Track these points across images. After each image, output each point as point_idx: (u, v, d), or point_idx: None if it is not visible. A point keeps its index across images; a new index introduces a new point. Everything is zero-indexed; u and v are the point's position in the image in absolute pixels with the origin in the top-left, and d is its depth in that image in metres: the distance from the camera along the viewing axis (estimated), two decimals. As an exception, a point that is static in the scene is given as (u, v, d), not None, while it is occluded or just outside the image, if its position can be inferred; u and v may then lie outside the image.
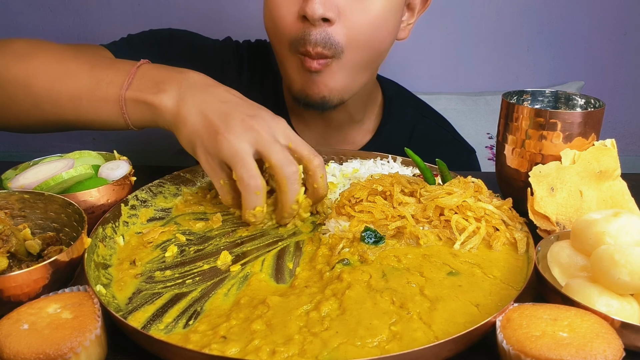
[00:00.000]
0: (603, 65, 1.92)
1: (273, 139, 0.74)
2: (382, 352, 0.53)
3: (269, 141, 0.73)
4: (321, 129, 1.18)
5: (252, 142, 0.73)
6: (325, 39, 0.93)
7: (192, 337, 0.56)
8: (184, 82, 0.79)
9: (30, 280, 0.58)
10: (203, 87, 0.79)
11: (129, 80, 0.81)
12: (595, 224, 0.62)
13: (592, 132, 0.79)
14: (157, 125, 0.81)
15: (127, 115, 0.81)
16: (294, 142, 0.77)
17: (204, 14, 1.83)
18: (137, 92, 0.80)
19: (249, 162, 0.72)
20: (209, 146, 0.74)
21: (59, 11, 1.83)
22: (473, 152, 1.29)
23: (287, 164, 0.73)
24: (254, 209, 0.74)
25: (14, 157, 0.96)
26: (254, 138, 0.73)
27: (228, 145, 0.72)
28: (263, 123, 0.74)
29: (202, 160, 0.76)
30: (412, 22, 1.09)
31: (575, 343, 0.50)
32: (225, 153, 0.72)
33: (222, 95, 0.78)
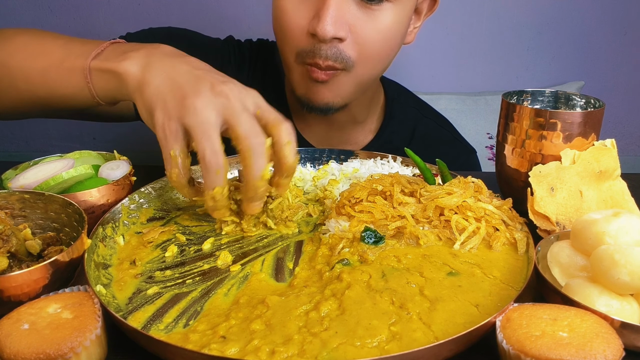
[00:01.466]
0: (603, 65, 1.92)
1: (242, 107, 0.68)
2: (381, 352, 0.53)
3: (238, 109, 0.68)
4: (323, 129, 1.18)
5: (220, 110, 0.67)
6: (337, 54, 0.93)
7: (191, 337, 0.56)
8: (154, 51, 0.76)
9: (30, 280, 0.58)
10: (173, 56, 0.76)
11: (98, 51, 0.79)
12: (595, 224, 0.62)
13: (592, 132, 0.79)
14: (122, 95, 0.77)
15: (91, 85, 0.79)
16: (262, 108, 0.71)
17: (204, 13, 1.83)
18: (103, 61, 0.78)
19: (213, 136, 0.66)
20: (172, 110, 0.68)
21: (59, 11, 1.83)
22: (473, 152, 1.29)
23: (254, 135, 0.67)
24: (212, 189, 0.68)
25: (14, 157, 0.96)
26: (223, 105, 0.67)
27: (194, 111, 0.66)
28: (234, 89, 0.69)
29: (159, 124, 0.69)
30: (418, 25, 1.09)
31: (575, 343, 0.50)
32: (190, 120, 0.66)
33: (194, 62, 0.75)
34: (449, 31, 1.87)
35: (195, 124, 0.66)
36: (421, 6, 1.06)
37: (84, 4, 1.82)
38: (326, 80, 0.96)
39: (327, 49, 0.92)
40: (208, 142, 0.66)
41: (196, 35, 1.23)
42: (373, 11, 0.93)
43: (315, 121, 1.16)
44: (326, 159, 1.01)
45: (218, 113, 0.67)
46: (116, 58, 0.76)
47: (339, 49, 0.93)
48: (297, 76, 1.00)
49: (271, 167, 0.71)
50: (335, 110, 1.02)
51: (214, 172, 0.67)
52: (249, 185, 0.70)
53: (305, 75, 0.98)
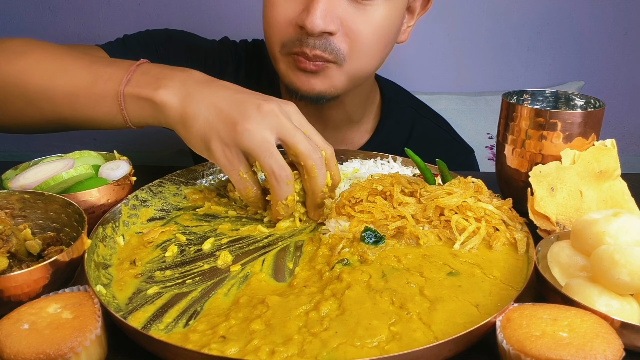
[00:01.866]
0: (603, 65, 1.92)
1: (293, 125, 0.73)
2: (381, 352, 0.53)
3: (291, 128, 0.72)
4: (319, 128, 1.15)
5: (273, 128, 0.72)
6: (326, 45, 0.92)
7: (191, 337, 0.56)
8: (187, 79, 0.77)
9: (30, 280, 0.58)
10: (208, 83, 0.77)
11: (129, 77, 0.79)
12: (595, 224, 0.62)
13: (592, 132, 0.79)
14: (159, 123, 0.79)
15: (125, 112, 0.79)
16: (308, 130, 0.77)
17: (203, 13, 1.83)
18: (137, 88, 0.78)
19: (275, 152, 0.71)
20: (227, 138, 0.72)
21: (59, 11, 1.83)
22: (472, 152, 1.29)
23: (313, 151, 0.73)
24: (286, 199, 0.74)
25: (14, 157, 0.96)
26: (275, 124, 0.72)
27: (249, 135, 0.70)
28: (279, 107, 0.73)
29: (219, 153, 0.73)
30: (411, 24, 1.08)
31: (575, 343, 0.50)
32: (248, 143, 0.71)
33: (230, 87, 0.77)
34: (449, 31, 1.87)
35: (254, 146, 0.71)
36: (414, 4, 1.05)
37: (84, 4, 1.82)
38: (315, 71, 0.94)
39: (316, 39, 0.91)
40: (272, 159, 0.71)
41: (193, 37, 1.23)
42: (364, 6, 0.92)
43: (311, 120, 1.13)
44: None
45: (271, 131, 0.72)
46: (150, 85, 0.77)
47: (328, 40, 0.92)
48: (283, 67, 0.99)
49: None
50: (327, 100, 1.01)
51: (285, 183, 0.73)
52: (316, 194, 0.77)
53: (292, 66, 0.96)
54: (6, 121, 0.90)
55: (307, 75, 0.96)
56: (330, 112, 1.12)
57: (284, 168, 0.72)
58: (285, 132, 0.72)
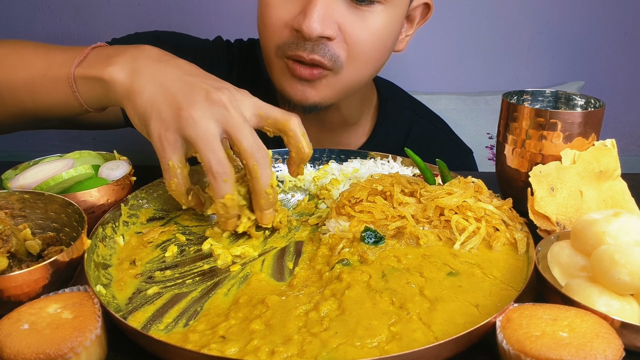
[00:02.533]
0: (603, 65, 1.93)
1: (241, 118, 0.68)
2: (381, 352, 0.53)
3: (238, 122, 0.68)
4: (314, 132, 1.13)
5: (220, 119, 0.67)
6: (324, 50, 0.88)
7: (191, 337, 0.56)
8: (139, 55, 0.74)
9: (30, 280, 0.58)
10: (160, 59, 0.74)
11: (80, 59, 0.77)
12: (596, 224, 0.62)
13: (592, 132, 0.79)
14: (110, 101, 0.76)
15: (78, 94, 0.77)
16: (263, 109, 0.72)
17: (203, 13, 1.83)
18: (87, 69, 0.76)
19: (216, 146, 0.67)
20: (168, 121, 0.67)
21: (59, 11, 1.83)
22: (470, 152, 1.28)
23: (257, 149, 0.69)
24: (223, 197, 0.69)
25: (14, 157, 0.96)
26: (221, 115, 0.67)
27: (193, 123, 0.66)
28: (230, 95, 0.69)
29: (155, 135, 0.68)
30: (410, 33, 1.06)
31: (575, 343, 0.50)
32: (190, 132, 0.66)
33: (183, 67, 0.73)
34: (449, 31, 1.87)
35: (195, 136, 0.67)
36: (414, 13, 1.03)
37: (84, 4, 1.82)
38: (310, 80, 0.91)
39: (313, 44, 0.88)
40: (212, 154, 0.67)
41: (184, 38, 1.21)
42: (363, 12, 0.90)
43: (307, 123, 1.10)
44: (326, 159, 1.01)
45: (217, 122, 0.67)
46: (100, 64, 0.75)
47: (327, 45, 0.88)
48: (277, 73, 0.95)
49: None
50: (320, 110, 0.98)
51: (222, 181, 0.68)
52: (259, 195, 0.72)
53: (286, 72, 0.93)
54: None
55: (302, 84, 0.93)
56: (326, 115, 1.10)
57: (223, 165, 0.67)
58: (230, 126, 0.67)
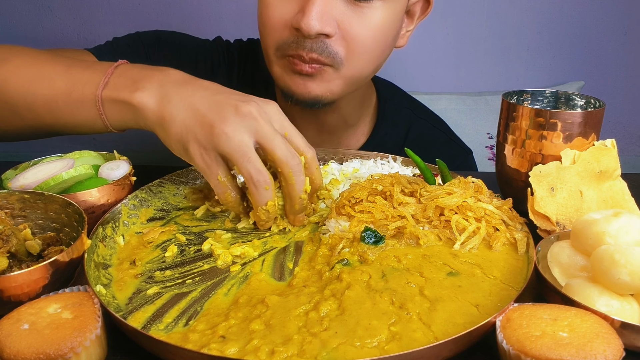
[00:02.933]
0: (603, 65, 1.92)
1: (272, 129, 0.71)
2: (381, 352, 0.53)
3: (270, 133, 0.70)
4: (314, 132, 1.15)
5: (252, 132, 0.70)
6: (322, 48, 0.90)
7: (191, 337, 0.56)
8: (165, 79, 0.75)
9: (30, 280, 0.58)
10: (185, 83, 0.75)
11: (106, 80, 0.77)
12: (596, 224, 0.62)
13: (592, 132, 0.79)
14: (139, 125, 0.78)
15: (105, 116, 0.78)
16: (289, 132, 0.74)
17: (203, 13, 1.83)
18: (114, 91, 0.76)
19: (253, 157, 0.69)
20: (204, 141, 0.70)
21: (59, 11, 1.83)
22: (470, 153, 1.28)
23: (291, 157, 0.71)
24: (265, 204, 0.72)
25: (14, 157, 0.96)
26: (253, 127, 0.69)
27: (227, 138, 0.68)
28: (258, 107, 0.71)
29: (197, 156, 0.71)
30: (410, 29, 1.06)
31: (575, 343, 0.50)
32: (225, 147, 0.69)
33: (209, 87, 0.75)
34: (449, 31, 1.87)
35: (231, 150, 0.69)
36: (414, 8, 1.04)
37: (84, 4, 1.82)
38: (311, 74, 0.92)
39: (312, 42, 0.89)
40: (250, 164, 0.69)
41: (185, 38, 1.21)
42: (362, 8, 0.90)
43: (306, 124, 1.12)
44: (326, 159, 1.01)
45: (250, 134, 0.70)
46: (127, 87, 0.76)
47: (325, 43, 0.90)
48: (278, 70, 0.96)
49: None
50: (324, 105, 0.99)
51: (263, 188, 0.71)
52: (294, 200, 0.75)
53: (287, 68, 0.94)
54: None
55: (303, 78, 0.94)
56: (325, 116, 1.10)
57: (262, 173, 0.70)
58: (263, 137, 0.70)
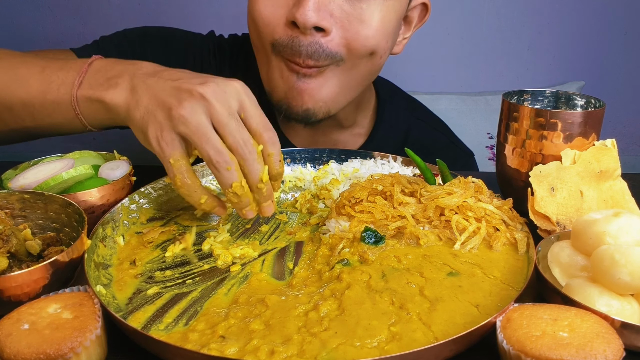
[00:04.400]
0: (603, 65, 1.92)
1: (226, 113, 0.68)
2: (381, 352, 0.53)
3: (223, 117, 0.67)
4: (308, 133, 1.14)
5: (207, 114, 0.67)
6: (319, 51, 0.88)
7: (190, 337, 0.56)
8: (136, 72, 0.74)
9: (30, 280, 0.58)
10: (155, 74, 0.74)
11: (80, 79, 0.77)
12: (596, 224, 0.62)
13: (592, 132, 0.79)
14: (115, 122, 0.77)
15: (81, 116, 0.78)
16: (247, 113, 0.70)
17: (203, 13, 1.83)
18: (89, 90, 0.76)
19: (211, 136, 0.67)
20: (163, 122, 0.68)
21: (59, 11, 1.83)
22: (471, 155, 1.27)
23: (243, 144, 0.68)
24: (230, 186, 0.69)
25: (14, 157, 0.96)
26: (207, 110, 0.67)
27: (184, 120, 0.66)
28: (215, 88, 0.68)
29: (153, 138, 0.69)
30: (407, 36, 1.05)
31: (576, 343, 0.50)
32: (183, 129, 0.67)
33: (173, 74, 0.73)
34: (449, 31, 1.87)
35: (189, 131, 0.67)
36: (411, 14, 1.03)
37: (84, 4, 1.82)
38: (309, 75, 0.90)
39: (308, 44, 0.87)
40: (209, 144, 0.66)
41: (174, 32, 1.19)
42: (360, 2, 0.89)
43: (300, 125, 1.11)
44: (326, 159, 1.01)
45: (206, 116, 0.67)
46: (101, 86, 0.75)
47: (320, 45, 0.87)
48: (273, 73, 0.94)
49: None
50: (317, 121, 0.97)
51: (225, 169, 0.67)
52: (252, 189, 0.71)
53: (284, 70, 0.92)
54: None
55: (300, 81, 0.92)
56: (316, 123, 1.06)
57: (222, 153, 0.67)
58: (217, 121, 0.67)
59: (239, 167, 0.69)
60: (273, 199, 0.75)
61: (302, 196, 0.89)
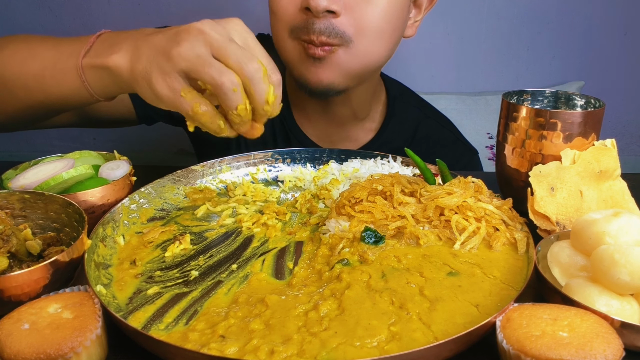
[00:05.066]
0: (603, 65, 1.92)
1: (225, 38, 0.66)
2: (381, 352, 0.53)
3: (222, 40, 0.66)
4: (323, 125, 1.18)
5: (206, 44, 0.66)
6: (330, 29, 0.94)
7: (190, 336, 0.56)
8: (139, 36, 0.74)
9: (30, 280, 0.58)
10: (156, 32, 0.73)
11: (87, 48, 0.78)
12: (595, 224, 0.62)
13: (592, 132, 0.79)
14: (121, 88, 0.77)
15: (87, 84, 0.78)
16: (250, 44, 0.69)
17: (203, 13, 1.83)
18: (94, 58, 0.77)
19: (212, 61, 0.65)
20: (165, 66, 0.67)
21: (59, 11, 1.83)
22: (476, 152, 1.29)
23: (247, 61, 0.66)
24: (236, 108, 0.67)
25: (14, 157, 0.96)
26: (206, 40, 0.66)
27: (183, 56, 0.65)
28: (211, 24, 0.67)
29: (159, 85, 0.67)
30: (419, 19, 1.10)
31: (575, 343, 0.50)
32: (184, 64, 0.65)
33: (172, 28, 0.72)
34: (449, 31, 1.87)
35: (189, 64, 0.65)
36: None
37: (84, 4, 1.82)
38: (323, 57, 0.96)
39: (321, 23, 0.93)
40: (211, 68, 0.65)
41: None
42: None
43: (316, 116, 1.16)
44: (326, 159, 1.01)
45: (205, 47, 0.65)
46: (105, 52, 0.76)
47: (332, 23, 0.94)
48: (292, 54, 1.00)
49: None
50: (336, 93, 1.02)
51: (231, 91, 0.65)
52: (256, 112, 0.69)
53: (302, 53, 0.98)
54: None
55: (316, 64, 0.97)
56: (336, 108, 1.13)
57: (226, 73, 0.65)
58: (216, 47, 0.66)
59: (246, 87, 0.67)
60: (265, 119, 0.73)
61: (302, 196, 0.89)
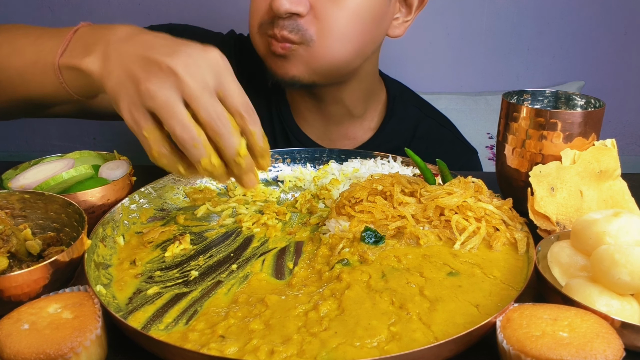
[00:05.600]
0: (603, 65, 1.92)
1: (198, 86, 0.65)
2: (381, 352, 0.53)
3: (194, 90, 0.64)
4: (321, 123, 1.18)
5: (177, 89, 0.64)
6: (293, 25, 0.94)
7: (190, 336, 0.56)
8: (112, 38, 0.72)
9: (30, 280, 0.58)
10: (128, 39, 0.71)
11: (64, 47, 0.77)
12: (596, 224, 0.62)
13: (592, 132, 0.79)
14: (95, 90, 0.76)
15: (65, 84, 0.77)
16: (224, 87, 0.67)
17: (203, 13, 1.83)
18: (69, 58, 0.76)
19: (178, 111, 0.64)
20: (133, 96, 0.65)
21: (59, 11, 1.83)
22: (475, 152, 1.29)
23: (216, 118, 0.65)
24: (199, 162, 0.66)
25: (14, 157, 0.96)
26: (178, 86, 0.64)
27: (151, 96, 0.64)
28: (186, 63, 0.65)
29: (125, 112, 0.66)
30: (409, 19, 1.08)
31: (575, 343, 0.50)
32: (150, 104, 0.64)
33: (146, 41, 0.70)
34: (449, 31, 1.87)
35: (156, 107, 0.64)
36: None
37: (84, 4, 1.82)
38: (284, 55, 0.97)
39: (285, 21, 0.94)
40: (175, 120, 0.64)
41: (196, 31, 1.23)
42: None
43: (312, 115, 1.16)
44: (326, 159, 1.01)
45: (176, 91, 0.64)
46: (79, 53, 0.75)
47: (296, 22, 0.94)
48: (260, 48, 1.03)
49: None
50: (306, 86, 1.03)
51: (192, 146, 0.65)
52: (230, 165, 0.69)
53: (267, 47, 1.00)
54: None
55: (280, 59, 0.99)
56: (329, 106, 1.13)
57: (188, 129, 0.64)
58: (187, 95, 0.64)
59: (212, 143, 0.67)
60: (255, 171, 0.72)
61: (302, 196, 0.89)
